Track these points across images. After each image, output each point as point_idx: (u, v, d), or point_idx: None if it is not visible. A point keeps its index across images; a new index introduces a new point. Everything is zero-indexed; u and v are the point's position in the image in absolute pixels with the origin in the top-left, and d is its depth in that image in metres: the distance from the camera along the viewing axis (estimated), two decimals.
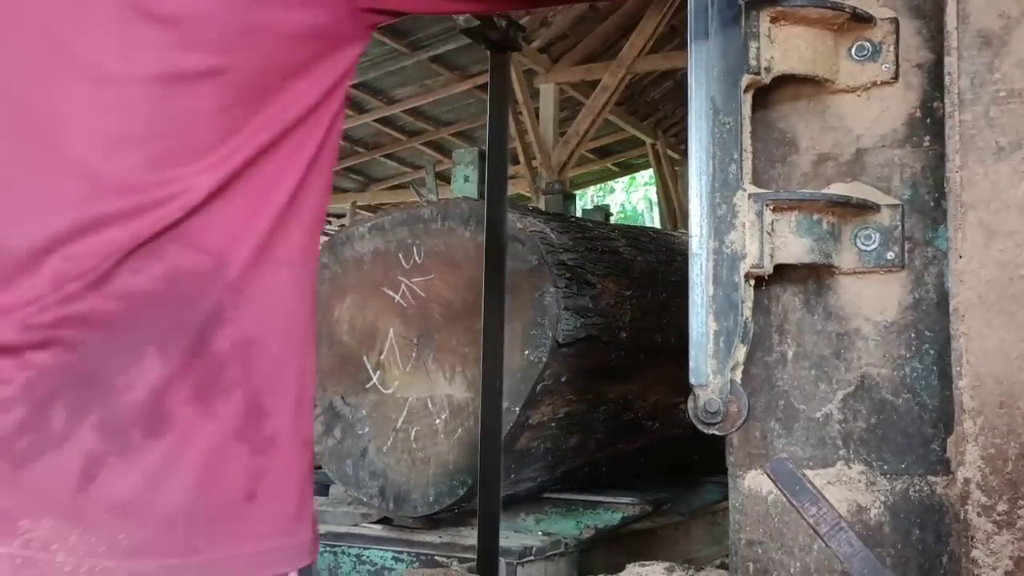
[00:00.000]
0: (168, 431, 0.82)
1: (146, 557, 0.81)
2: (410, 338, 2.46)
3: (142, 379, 0.81)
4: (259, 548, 0.87)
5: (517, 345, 2.27)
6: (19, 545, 0.79)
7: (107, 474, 0.80)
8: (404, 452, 2.45)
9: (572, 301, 2.31)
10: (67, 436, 0.80)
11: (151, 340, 0.82)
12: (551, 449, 2.55)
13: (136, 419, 0.81)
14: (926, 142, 1.14)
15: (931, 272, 1.13)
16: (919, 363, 1.12)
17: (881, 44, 1.16)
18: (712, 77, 1.12)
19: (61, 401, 0.80)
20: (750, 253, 1.08)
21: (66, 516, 0.80)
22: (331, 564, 2.41)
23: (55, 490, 0.80)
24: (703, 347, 1.10)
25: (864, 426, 1.14)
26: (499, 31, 1.90)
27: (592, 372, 2.43)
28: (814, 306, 1.18)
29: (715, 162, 1.11)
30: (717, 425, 1.09)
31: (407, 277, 2.44)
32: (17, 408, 0.80)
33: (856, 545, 0.85)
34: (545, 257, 2.29)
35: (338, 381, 2.59)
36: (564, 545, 2.43)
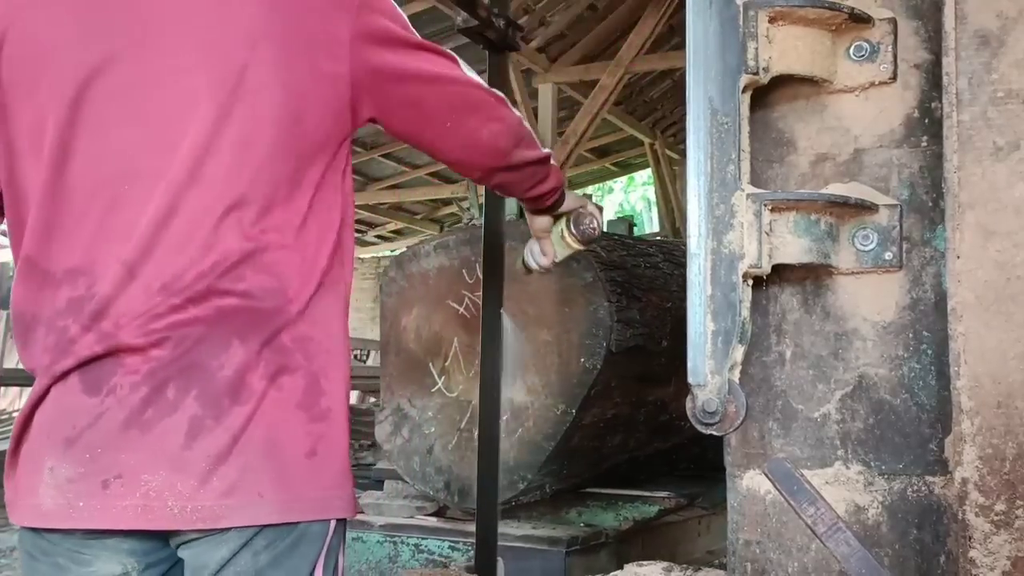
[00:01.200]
0: (248, 400, 1.06)
1: (233, 496, 1.03)
2: (473, 346, 2.67)
3: (230, 362, 1.06)
4: (320, 495, 1.09)
5: (574, 353, 2.51)
6: (140, 496, 1.02)
7: (205, 433, 1.04)
8: (467, 450, 2.65)
9: (623, 314, 2.53)
10: (177, 406, 1.04)
11: (235, 335, 1.07)
12: (597, 447, 2.79)
13: (226, 391, 1.05)
14: (924, 142, 1.14)
15: (929, 272, 1.13)
16: (917, 363, 1.12)
17: (879, 44, 1.16)
18: (710, 77, 1.12)
19: (172, 381, 1.04)
20: (748, 253, 1.08)
21: (175, 468, 1.03)
22: (391, 553, 2.61)
23: (169, 447, 1.03)
24: (701, 347, 1.10)
25: (862, 426, 1.14)
26: (497, 31, 1.89)
27: (636, 377, 2.65)
28: (812, 306, 1.18)
29: (713, 162, 1.11)
30: (715, 425, 1.09)
31: (470, 291, 2.68)
32: (142, 388, 1.04)
33: (854, 545, 0.85)
34: (599, 275, 2.52)
35: (405, 385, 2.83)
36: (605, 536, 2.62)
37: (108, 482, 1.02)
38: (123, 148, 1.08)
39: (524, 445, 2.59)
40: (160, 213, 1.06)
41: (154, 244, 1.06)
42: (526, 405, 2.61)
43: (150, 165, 1.07)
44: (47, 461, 1.04)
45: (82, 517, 1.03)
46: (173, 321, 1.05)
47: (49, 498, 1.04)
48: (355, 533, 2.68)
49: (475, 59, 6.82)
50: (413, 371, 2.82)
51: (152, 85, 1.08)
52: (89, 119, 1.08)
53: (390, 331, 2.84)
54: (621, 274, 2.64)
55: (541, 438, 2.56)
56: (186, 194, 1.06)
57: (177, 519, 1.02)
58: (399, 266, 2.88)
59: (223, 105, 1.07)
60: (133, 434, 1.03)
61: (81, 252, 1.08)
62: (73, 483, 1.03)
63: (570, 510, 2.88)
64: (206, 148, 1.06)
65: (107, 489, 1.02)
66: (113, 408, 1.04)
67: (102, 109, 1.08)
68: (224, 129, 1.07)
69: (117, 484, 1.02)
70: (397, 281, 2.87)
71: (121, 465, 1.02)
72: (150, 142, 1.07)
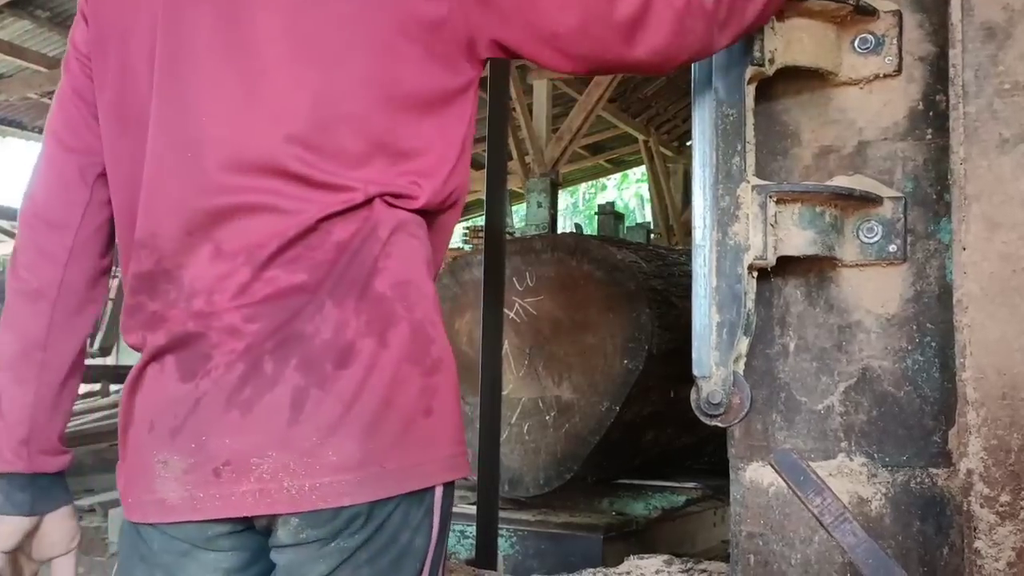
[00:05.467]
0: (353, 361, 0.97)
1: (353, 470, 0.95)
2: (523, 348, 2.85)
3: (325, 324, 0.97)
4: (443, 454, 1.02)
5: (617, 355, 2.68)
6: (254, 480, 0.95)
7: (311, 404, 0.95)
8: (518, 443, 2.81)
9: (662, 320, 2.70)
10: (277, 379, 0.96)
11: (327, 294, 0.98)
12: (634, 442, 2.95)
13: (326, 355, 0.96)
14: (928, 135, 1.14)
15: (933, 265, 1.13)
16: (920, 355, 1.12)
17: (884, 37, 1.16)
18: (716, 69, 1.12)
19: (269, 354, 0.97)
20: (753, 245, 1.08)
21: (284, 446, 0.95)
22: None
23: (273, 425, 0.95)
24: (706, 339, 1.10)
25: (865, 418, 1.14)
26: None
27: (671, 377, 2.78)
28: (816, 299, 1.18)
29: (718, 154, 1.11)
30: (720, 417, 1.09)
31: (520, 298, 2.84)
32: (238, 366, 0.96)
33: (860, 535, 0.85)
34: (641, 284, 2.69)
35: (459, 384, 2.91)
36: (635, 524, 2.79)
37: (219, 470, 0.97)
38: (198, 113, 1.00)
39: (571, 439, 2.76)
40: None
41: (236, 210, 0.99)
42: (572, 402, 2.77)
43: (224, 131, 0.99)
44: (156, 454, 0.99)
45: (205, 508, 0.97)
46: (266, 294, 0.98)
47: (172, 491, 0.98)
48: None
49: None
50: (466, 371, 2.96)
51: (232, 53, 1.00)
52: (165, 87, 1.01)
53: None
54: (660, 283, 2.82)
55: (587, 432, 2.73)
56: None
57: (296, 501, 0.95)
58: (452, 274, 3.09)
59: (302, 63, 0.99)
60: (234, 416, 0.97)
61: (158, 221, 1.01)
62: (189, 474, 0.98)
63: (602, 500, 3.05)
64: (285, 110, 0.98)
65: (220, 477, 0.97)
66: (211, 391, 0.98)
67: (181, 74, 1.01)
68: (303, 90, 0.99)
69: (228, 471, 0.96)
70: (451, 288, 3.07)
71: (228, 451, 0.96)
72: (225, 105, 1.00)
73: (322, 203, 0.98)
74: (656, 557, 1.55)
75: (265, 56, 0.99)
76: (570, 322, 2.76)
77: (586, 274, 2.72)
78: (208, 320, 0.98)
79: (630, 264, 2.73)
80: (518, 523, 2.70)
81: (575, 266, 2.75)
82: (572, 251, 2.76)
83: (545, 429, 2.80)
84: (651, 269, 2.82)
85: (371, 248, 1.00)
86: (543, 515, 2.80)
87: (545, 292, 2.83)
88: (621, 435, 2.78)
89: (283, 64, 0.99)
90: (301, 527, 0.97)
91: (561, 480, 2.76)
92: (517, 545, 2.61)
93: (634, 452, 3.02)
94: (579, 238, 2.92)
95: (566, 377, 2.78)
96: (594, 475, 2.95)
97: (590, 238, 2.99)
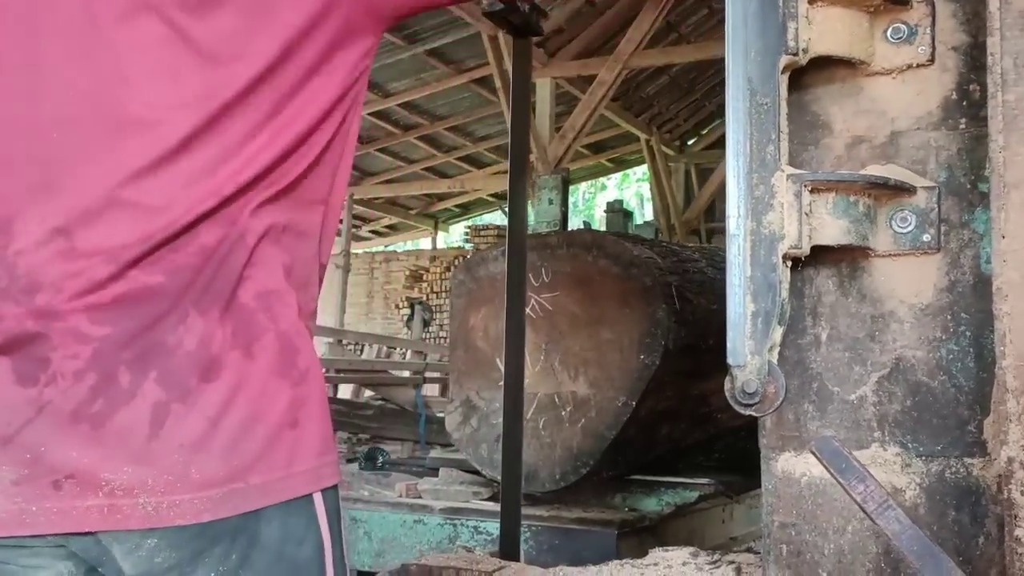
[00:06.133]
0: (219, 375, 0.93)
1: (215, 486, 0.92)
2: (539, 344, 2.87)
3: (189, 335, 0.93)
4: (308, 466, 1.00)
5: (634, 351, 2.69)
6: (103, 495, 0.89)
7: (172, 419, 0.91)
8: (533, 438, 2.84)
9: (678, 315, 2.71)
10: (134, 392, 0.91)
11: (191, 302, 0.94)
12: (648, 437, 2.97)
13: (190, 369, 0.92)
14: (962, 124, 1.14)
15: (967, 254, 1.13)
16: (955, 345, 1.12)
17: (917, 26, 1.16)
18: (749, 58, 1.12)
19: (124, 364, 0.91)
20: (788, 234, 1.08)
21: (142, 462, 0.90)
22: (451, 534, 2.80)
23: (130, 441, 0.91)
24: (741, 328, 1.10)
25: (899, 408, 1.14)
26: (521, 16, 1.89)
27: (686, 373, 2.83)
28: (848, 288, 1.18)
29: (752, 143, 1.11)
30: (755, 406, 1.09)
31: (536, 293, 2.86)
32: (88, 376, 0.90)
33: (905, 522, 0.85)
34: (657, 279, 2.70)
35: (474, 379, 3.02)
36: (648, 520, 2.83)
37: (59, 483, 0.90)
38: (60, 91, 0.94)
39: (588, 434, 2.77)
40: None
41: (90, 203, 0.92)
42: (588, 397, 2.79)
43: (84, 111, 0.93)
44: None
45: (38, 522, 0.90)
46: (119, 293, 0.91)
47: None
48: (416, 516, 2.88)
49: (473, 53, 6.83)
50: (481, 366, 3.00)
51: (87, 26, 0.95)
52: (34, 58, 0.95)
53: (459, 329, 3.05)
54: (675, 279, 2.83)
55: (603, 428, 2.74)
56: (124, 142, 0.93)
57: (152, 517, 0.90)
58: (468, 270, 3.09)
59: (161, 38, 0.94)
60: (83, 429, 0.90)
61: (3, 205, 0.93)
62: (19, 485, 0.90)
63: (615, 496, 3.09)
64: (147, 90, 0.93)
65: (60, 490, 0.90)
66: (56, 400, 0.90)
67: (45, 47, 0.95)
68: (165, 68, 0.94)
69: (70, 484, 0.89)
70: (466, 284, 3.07)
71: (73, 464, 0.90)
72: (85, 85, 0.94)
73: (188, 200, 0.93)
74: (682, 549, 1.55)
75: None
76: (586, 317, 2.77)
77: (602, 270, 2.73)
78: (49, 320, 0.91)
79: (646, 260, 2.74)
80: (532, 518, 2.73)
81: (591, 262, 2.76)
82: (588, 247, 2.77)
83: (561, 424, 2.81)
84: (666, 265, 2.82)
85: (238, 256, 0.96)
86: (556, 511, 2.82)
87: (561, 288, 2.83)
88: (636, 430, 2.79)
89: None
90: (158, 548, 0.91)
91: (577, 475, 2.77)
92: (531, 540, 2.63)
93: (648, 448, 3.05)
94: (595, 234, 2.92)
95: (582, 372, 2.79)
96: (609, 471, 2.96)
97: (606, 234, 3.01)
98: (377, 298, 16.08)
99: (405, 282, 15.17)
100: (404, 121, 12.35)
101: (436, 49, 10.08)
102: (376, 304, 16.08)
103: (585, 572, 1.52)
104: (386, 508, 2.97)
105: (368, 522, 2.91)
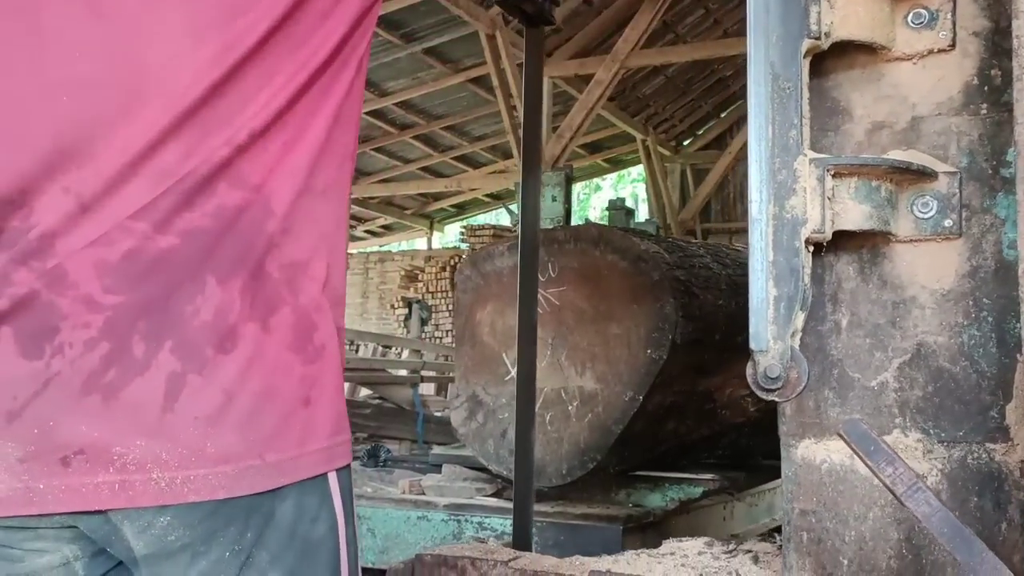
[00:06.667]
0: (236, 346, 0.90)
1: (230, 462, 0.89)
2: (545, 339, 2.83)
3: (207, 304, 0.89)
4: (321, 445, 0.97)
5: (641, 345, 2.68)
6: (114, 471, 0.86)
7: (188, 391, 0.88)
8: (540, 433, 2.80)
9: (686, 310, 2.71)
10: (149, 363, 0.87)
11: (210, 270, 0.90)
12: (655, 432, 2.97)
13: (207, 339, 0.89)
14: (984, 110, 1.14)
15: (989, 240, 1.12)
16: (977, 331, 1.12)
17: (938, 12, 1.15)
18: (771, 42, 1.11)
19: (139, 333, 0.87)
20: (811, 218, 1.07)
21: (156, 435, 0.87)
22: (455, 531, 2.81)
23: (144, 413, 0.87)
24: (763, 313, 1.09)
25: (921, 394, 1.14)
26: (535, 4, 1.89)
27: (692, 368, 2.82)
28: (868, 275, 1.18)
29: (775, 127, 1.10)
30: (777, 391, 1.08)
31: (543, 288, 2.83)
32: (101, 345, 0.86)
33: (935, 505, 0.84)
34: (665, 274, 2.70)
35: (480, 374, 3.02)
36: (653, 515, 2.83)
37: (68, 459, 0.86)
38: (67, 52, 0.90)
39: (594, 428, 2.77)
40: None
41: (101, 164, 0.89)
42: (595, 392, 2.78)
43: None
44: None
45: (46, 501, 0.87)
46: (131, 256, 0.87)
47: (1, 482, 0.87)
48: (420, 512, 2.87)
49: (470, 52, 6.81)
50: (487, 361, 3.00)
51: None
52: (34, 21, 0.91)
53: (465, 325, 3.05)
54: (683, 273, 2.83)
55: (611, 422, 2.73)
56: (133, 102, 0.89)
57: (166, 494, 0.87)
58: (474, 265, 3.09)
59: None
60: (94, 401, 0.86)
61: (19, 180, 0.89)
62: (25, 463, 0.86)
63: (619, 491, 3.09)
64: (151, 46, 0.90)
65: (68, 467, 0.86)
66: (65, 371, 0.86)
67: (45, 9, 0.91)
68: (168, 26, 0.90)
69: (80, 460, 0.86)
70: (472, 279, 3.07)
71: (83, 439, 0.86)
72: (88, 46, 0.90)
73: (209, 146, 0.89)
74: (697, 539, 1.55)
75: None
76: (593, 312, 2.77)
77: (610, 264, 2.72)
78: (60, 287, 0.87)
79: (654, 254, 2.73)
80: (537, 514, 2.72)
81: (598, 256, 2.76)
82: (595, 242, 2.78)
83: (568, 419, 2.81)
84: (673, 260, 2.82)
85: (264, 224, 0.93)
86: (561, 506, 2.82)
87: (568, 283, 2.83)
88: (643, 426, 2.78)
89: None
90: (172, 527, 0.89)
91: (584, 470, 2.77)
92: (537, 535, 2.62)
93: (655, 443, 3.05)
94: (602, 228, 2.93)
95: (589, 367, 2.79)
96: (615, 466, 2.96)
97: (613, 228, 3.00)
98: (372, 298, 16.06)
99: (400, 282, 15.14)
100: (401, 120, 12.33)
101: (433, 48, 10.07)
102: (371, 304, 16.05)
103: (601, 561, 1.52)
104: (390, 505, 2.96)
105: (372, 519, 2.89)
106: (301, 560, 0.96)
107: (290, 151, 0.96)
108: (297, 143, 0.97)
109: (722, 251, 3.40)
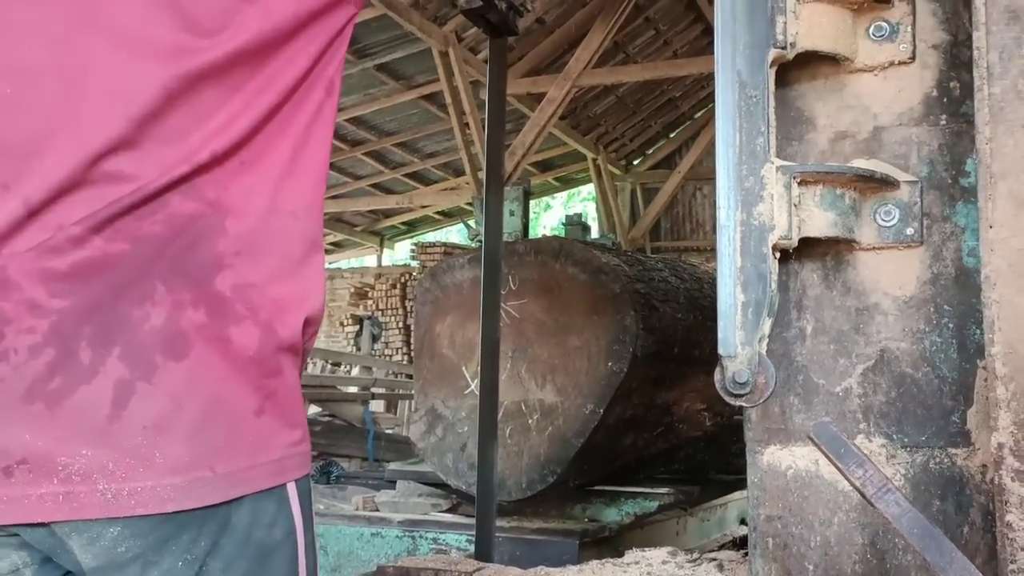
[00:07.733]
0: (187, 354, 0.87)
1: (179, 473, 0.86)
2: (505, 352, 2.84)
3: (156, 310, 0.87)
4: (274, 457, 0.94)
5: (602, 358, 2.68)
6: (59, 482, 0.83)
7: (136, 399, 0.85)
8: (500, 447, 2.79)
9: (646, 322, 2.73)
10: (96, 369, 0.84)
11: (158, 276, 0.87)
12: (614, 446, 2.98)
13: (156, 345, 0.86)
14: (943, 120, 1.16)
15: (949, 247, 1.14)
16: (938, 336, 1.14)
17: (899, 25, 1.18)
18: (738, 51, 1.13)
19: (86, 339, 0.84)
20: (778, 225, 1.09)
21: (102, 444, 0.84)
22: (410, 547, 2.79)
23: (90, 421, 0.84)
24: (731, 318, 1.10)
25: (884, 400, 1.15)
26: (499, 14, 1.89)
27: (652, 381, 2.84)
28: (833, 281, 1.19)
29: (742, 135, 1.11)
30: (745, 396, 1.09)
31: (504, 301, 2.79)
32: (46, 352, 0.84)
33: (904, 505, 0.85)
34: (626, 286, 2.71)
35: (439, 387, 3.00)
36: (608, 530, 2.86)
37: (11, 468, 0.83)
38: (7, 34, 0.88)
39: (554, 441, 2.77)
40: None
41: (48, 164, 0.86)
42: (556, 405, 2.79)
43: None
44: None
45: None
46: (76, 260, 0.84)
47: None
48: (374, 529, 2.84)
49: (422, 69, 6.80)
50: (447, 374, 2.99)
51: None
52: None
53: (424, 337, 3.04)
54: (643, 286, 2.86)
55: (571, 435, 2.73)
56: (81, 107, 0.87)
57: (111, 505, 0.84)
58: (434, 277, 3.08)
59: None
60: (37, 408, 0.83)
61: None
62: None
63: (575, 506, 3.10)
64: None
65: (11, 477, 0.83)
66: (8, 378, 0.83)
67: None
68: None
69: (22, 470, 0.83)
70: (432, 291, 3.07)
71: (25, 447, 0.83)
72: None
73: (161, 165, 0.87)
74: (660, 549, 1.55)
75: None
76: (554, 324, 2.78)
77: (570, 277, 2.74)
78: (3, 290, 0.84)
79: (614, 267, 2.75)
80: None
81: (559, 269, 2.76)
82: (556, 254, 2.79)
83: (528, 432, 2.81)
84: (633, 273, 2.84)
85: (216, 240, 0.91)
86: (518, 521, 2.84)
87: (529, 295, 2.83)
88: (603, 439, 2.79)
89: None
90: (122, 537, 0.86)
91: (544, 483, 2.78)
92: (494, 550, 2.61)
93: (614, 456, 3.06)
94: (563, 241, 2.96)
95: (549, 380, 2.79)
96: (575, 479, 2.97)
97: (574, 242, 3.01)
98: None
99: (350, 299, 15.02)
100: (352, 136, 12.28)
101: (385, 64, 10.05)
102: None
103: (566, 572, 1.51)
104: (342, 521, 2.92)
105: (324, 536, 2.85)
106: (256, 565, 0.93)
107: (252, 171, 0.95)
108: (260, 163, 0.96)
109: (680, 266, 3.45)
